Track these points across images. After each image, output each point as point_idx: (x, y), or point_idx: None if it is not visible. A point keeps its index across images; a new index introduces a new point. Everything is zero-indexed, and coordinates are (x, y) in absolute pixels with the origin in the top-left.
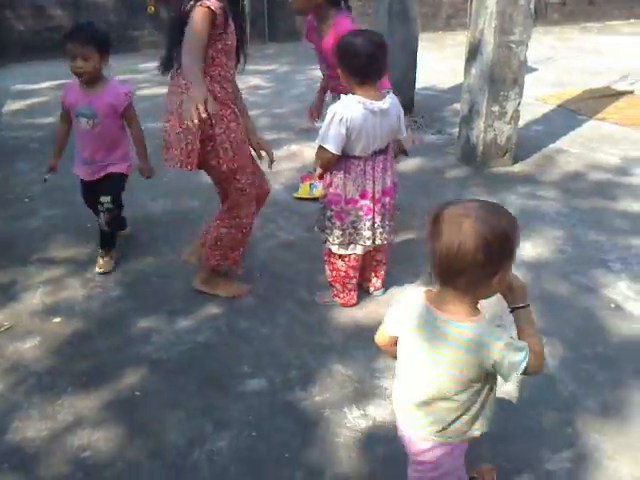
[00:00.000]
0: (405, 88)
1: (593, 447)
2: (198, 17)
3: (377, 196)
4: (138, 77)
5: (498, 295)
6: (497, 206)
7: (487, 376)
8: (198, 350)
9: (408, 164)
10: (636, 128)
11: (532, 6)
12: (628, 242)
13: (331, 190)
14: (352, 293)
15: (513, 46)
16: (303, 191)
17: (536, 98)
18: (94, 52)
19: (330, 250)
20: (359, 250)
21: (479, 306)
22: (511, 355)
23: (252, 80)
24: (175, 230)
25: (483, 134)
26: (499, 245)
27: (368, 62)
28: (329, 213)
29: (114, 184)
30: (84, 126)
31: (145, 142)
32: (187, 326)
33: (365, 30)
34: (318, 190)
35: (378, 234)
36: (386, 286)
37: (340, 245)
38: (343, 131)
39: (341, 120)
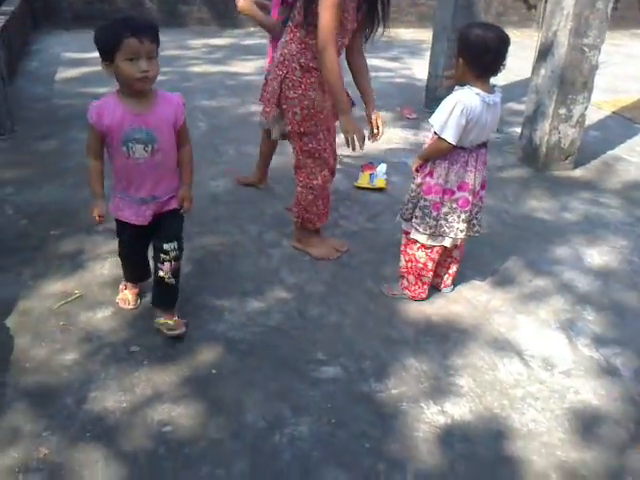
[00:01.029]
0: None
1: None
2: (329, 5)
3: (477, 189)
4: (188, 53)
5: None
6: None
7: None
8: (270, 333)
9: None
10: None
11: (609, 10)
12: None
13: (430, 180)
14: (425, 287)
15: (586, 49)
16: (363, 180)
17: (591, 103)
18: (156, 52)
19: (411, 240)
20: (447, 242)
21: None
22: None
23: None
24: (238, 210)
25: (547, 136)
26: None
27: (495, 58)
28: (423, 202)
29: (176, 224)
30: (140, 155)
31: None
32: (258, 308)
33: (490, 24)
34: (379, 180)
35: (472, 226)
36: (455, 283)
37: (430, 236)
38: (463, 122)
39: (462, 111)
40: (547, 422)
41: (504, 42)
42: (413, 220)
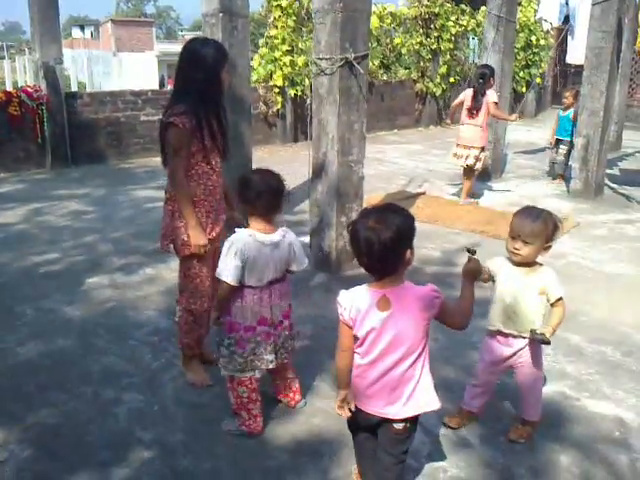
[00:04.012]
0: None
1: None
2: (173, 139)
3: (277, 321)
4: None
5: None
6: None
7: None
8: None
9: None
10: (439, 225)
11: (364, 129)
12: (480, 324)
13: (230, 319)
14: (258, 419)
15: (352, 165)
16: None
17: None
18: None
19: (230, 377)
20: (258, 374)
21: None
22: None
23: (70, 205)
24: (62, 374)
25: (335, 242)
26: None
27: (271, 200)
28: (227, 341)
29: None
30: None
31: None
32: (127, 476)
33: (266, 169)
34: None
35: (279, 355)
36: (305, 396)
37: (240, 372)
38: (238, 263)
39: (236, 253)
40: None
41: (276, 187)
42: (221, 359)
